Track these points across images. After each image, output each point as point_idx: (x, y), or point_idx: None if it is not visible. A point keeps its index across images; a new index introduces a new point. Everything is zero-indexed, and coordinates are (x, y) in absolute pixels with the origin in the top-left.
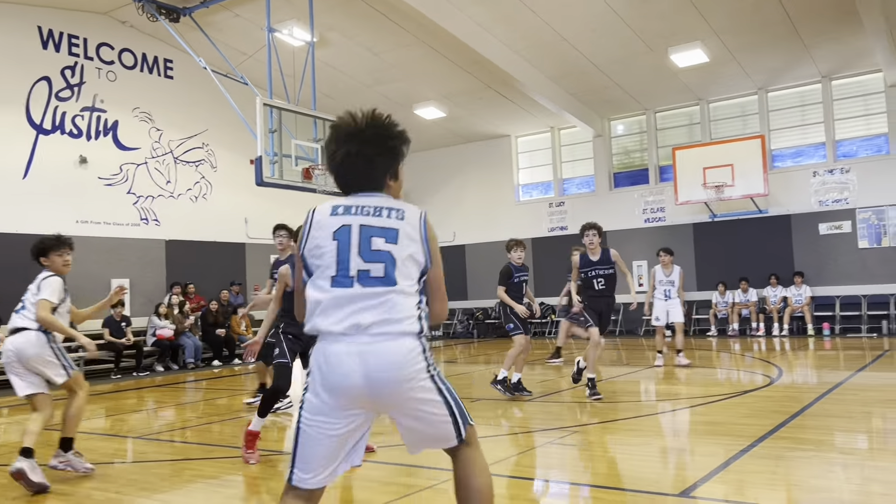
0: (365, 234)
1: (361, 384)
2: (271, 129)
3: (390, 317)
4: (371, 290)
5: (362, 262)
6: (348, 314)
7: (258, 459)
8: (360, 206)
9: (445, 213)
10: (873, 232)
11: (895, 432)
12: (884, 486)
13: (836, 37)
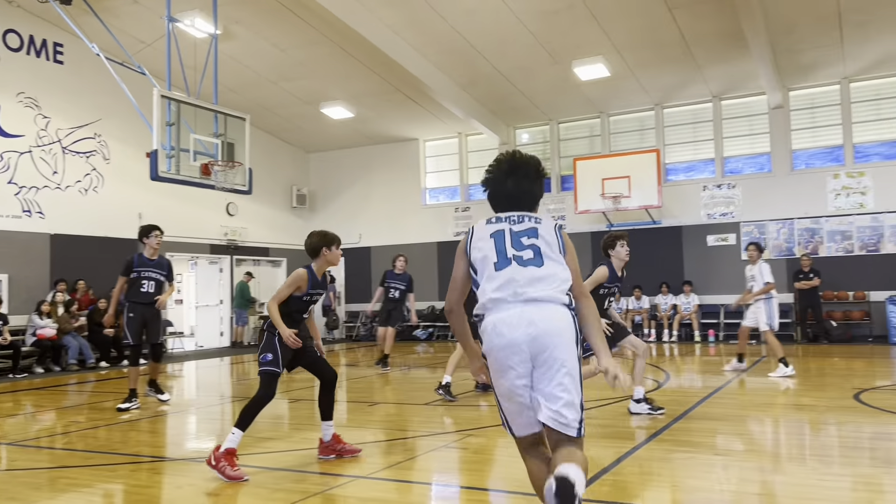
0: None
1: None
2: (169, 121)
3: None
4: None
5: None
6: None
7: (242, 473)
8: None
9: (351, 215)
10: None
11: (771, 434)
12: (759, 485)
13: (725, 59)
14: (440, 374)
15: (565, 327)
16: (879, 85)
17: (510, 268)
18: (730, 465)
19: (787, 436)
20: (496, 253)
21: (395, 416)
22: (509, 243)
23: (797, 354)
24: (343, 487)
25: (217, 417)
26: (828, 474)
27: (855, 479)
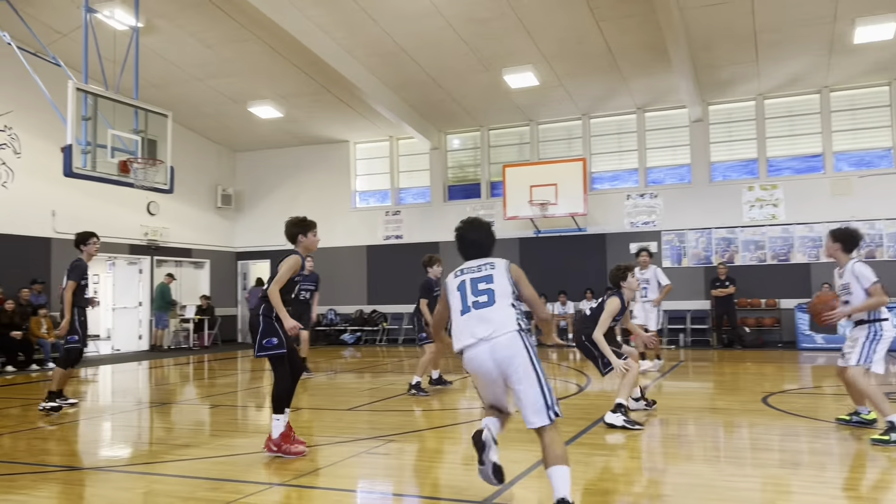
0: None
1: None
2: (85, 116)
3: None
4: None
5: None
6: None
7: (303, 449)
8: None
9: (279, 216)
10: (675, 253)
11: (686, 437)
12: (672, 487)
13: (649, 72)
14: (367, 379)
15: (518, 349)
16: (791, 102)
17: (468, 314)
18: (645, 468)
19: (701, 438)
20: (460, 301)
21: (314, 422)
22: (469, 292)
23: (713, 359)
24: (258, 496)
25: (133, 424)
26: (737, 475)
27: (763, 480)
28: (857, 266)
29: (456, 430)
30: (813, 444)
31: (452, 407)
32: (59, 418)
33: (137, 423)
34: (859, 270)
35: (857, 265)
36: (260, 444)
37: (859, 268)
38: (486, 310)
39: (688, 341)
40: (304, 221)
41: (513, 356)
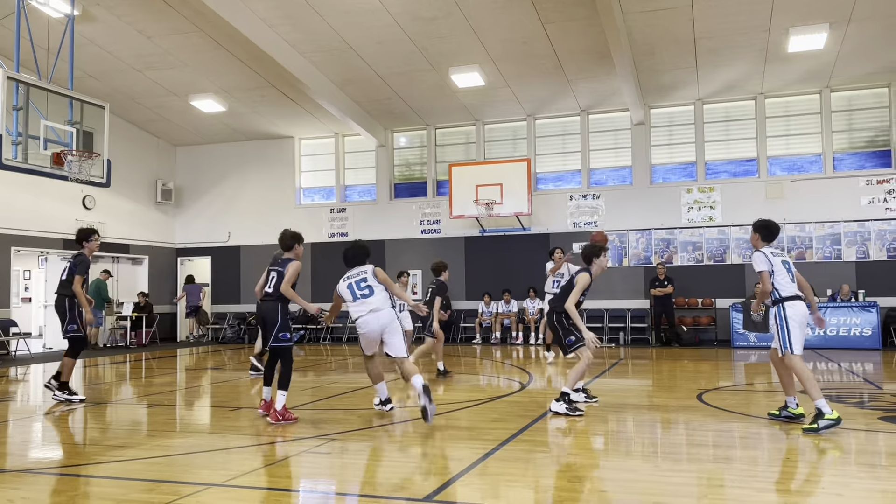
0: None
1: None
2: (16, 105)
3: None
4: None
5: None
6: None
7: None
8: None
9: (220, 212)
10: (616, 253)
11: (625, 434)
12: (613, 483)
13: (593, 76)
14: (310, 378)
15: (392, 318)
16: (728, 108)
17: (359, 301)
18: (583, 464)
19: (638, 434)
20: (351, 295)
21: (257, 421)
22: (356, 289)
23: (651, 357)
24: (196, 496)
25: (65, 425)
26: (673, 470)
27: (698, 475)
28: (754, 254)
29: (394, 428)
30: (745, 439)
31: (397, 405)
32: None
33: (70, 423)
34: (753, 258)
35: (754, 254)
36: (197, 443)
37: (754, 255)
38: (370, 297)
39: (627, 339)
40: (299, 235)
41: (390, 322)
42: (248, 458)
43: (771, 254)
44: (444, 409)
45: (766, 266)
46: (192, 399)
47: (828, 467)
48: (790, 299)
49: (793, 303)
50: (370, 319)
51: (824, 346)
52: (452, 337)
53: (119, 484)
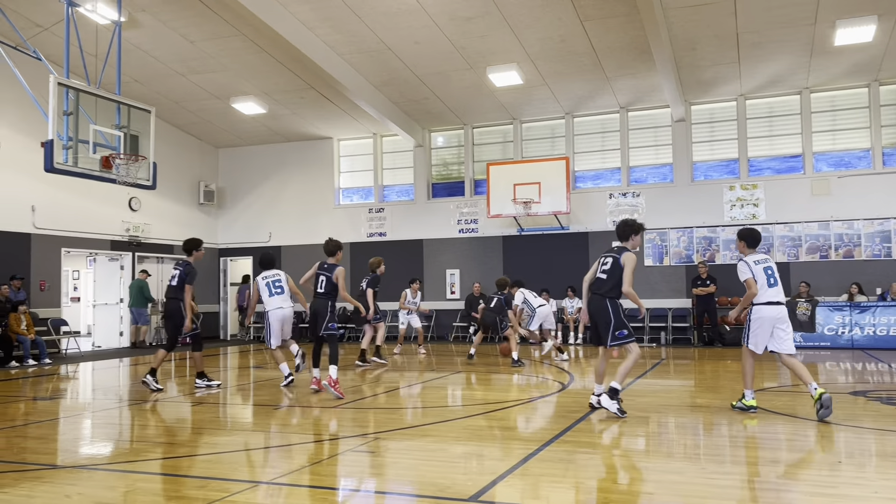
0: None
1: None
2: (67, 111)
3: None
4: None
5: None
6: None
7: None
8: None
9: (261, 213)
10: (657, 251)
11: (667, 435)
12: (654, 485)
13: (633, 72)
14: (350, 376)
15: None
16: (772, 103)
17: (274, 296)
18: (627, 465)
19: (681, 436)
20: (268, 291)
21: (300, 420)
22: (272, 287)
23: (693, 357)
24: (245, 493)
25: (114, 422)
26: (718, 472)
27: (742, 477)
28: (738, 264)
29: (437, 428)
30: (792, 441)
31: (438, 405)
32: (47, 415)
33: (118, 420)
34: (738, 267)
35: (739, 263)
36: (243, 442)
37: (739, 265)
38: (282, 294)
39: (669, 339)
40: (340, 242)
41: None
42: (294, 457)
43: (754, 262)
44: (485, 409)
45: (748, 275)
46: (236, 397)
47: (879, 471)
48: (760, 304)
49: (760, 307)
50: (286, 312)
51: (874, 346)
52: (490, 336)
53: (170, 480)
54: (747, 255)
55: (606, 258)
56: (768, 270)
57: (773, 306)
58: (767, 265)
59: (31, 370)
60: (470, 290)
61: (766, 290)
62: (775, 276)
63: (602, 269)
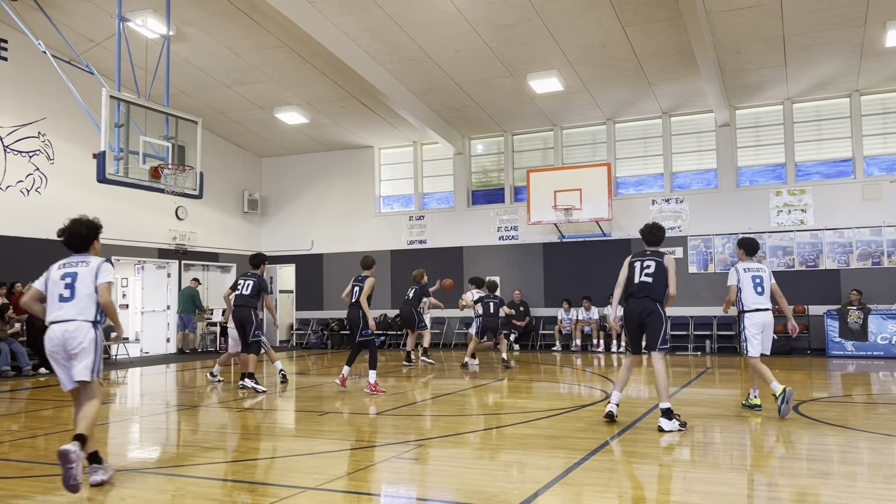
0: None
1: None
2: (118, 123)
3: None
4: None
5: None
6: None
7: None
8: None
9: (304, 221)
10: (701, 258)
11: (713, 445)
12: (701, 496)
13: (675, 77)
14: (392, 384)
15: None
16: (820, 106)
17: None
18: (674, 476)
19: (730, 446)
20: (56, 292)
21: (343, 426)
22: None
23: (740, 366)
24: (293, 499)
25: (161, 426)
26: (767, 484)
27: (792, 490)
28: (730, 269)
29: (481, 436)
30: (845, 453)
31: (480, 412)
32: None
33: (165, 425)
34: (729, 273)
35: (730, 269)
36: (289, 447)
37: (730, 270)
38: (69, 302)
39: (714, 348)
40: (369, 257)
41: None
42: (339, 463)
43: (744, 270)
44: (527, 418)
45: (734, 282)
46: (280, 403)
47: None
48: (751, 311)
49: (751, 314)
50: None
51: None
52: (531, 344)
53: (219, 485)
54: (744, 262)
55: (647, 262)
56: (756, 279)
57: (762, 312)
58: (757, 274)
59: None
60: (510, 297)
61: (753, 297)
62: (763, 284)
63: (646, 273)
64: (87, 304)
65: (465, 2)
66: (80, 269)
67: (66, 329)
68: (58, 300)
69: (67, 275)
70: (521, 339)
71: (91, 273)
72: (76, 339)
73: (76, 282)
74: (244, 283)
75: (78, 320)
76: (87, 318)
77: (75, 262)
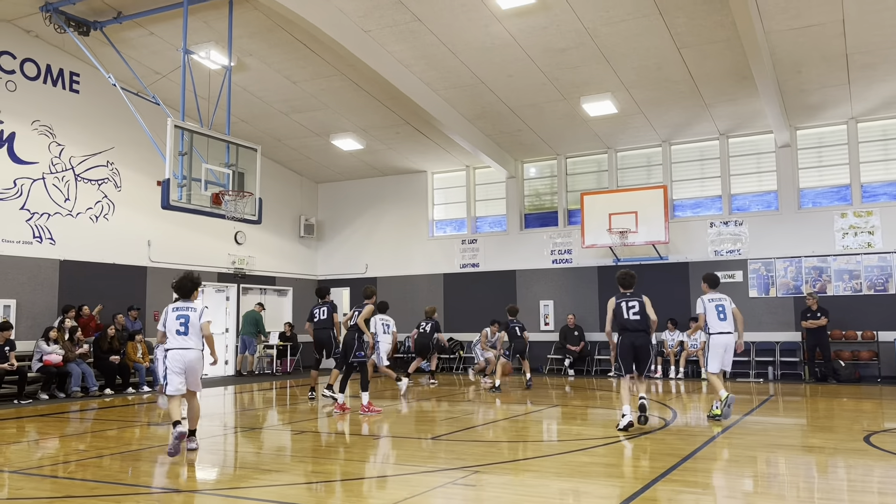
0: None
1: None
2: (182, 151)
3: None
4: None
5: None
6: None
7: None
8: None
9: (358, 245)
10: (762, 282)
11: (777, 476)
12: None
13: (733, 98)
14: (445, 408)
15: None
16: (887, 125)
17: (179, 335)
18: None
19: (795, 478)
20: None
21: (398, 451)
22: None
23: (805, 394)
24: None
25: (219, 448)
26: None
27: None
28: (698, 300)
29: (538, 463)
30: None
31: (535, 439)
32: (157, 440)
33: (223, 447)
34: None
35: (698, 300)
36: (344, 471)
37: (697, 302)
38: (187, 334)
39: (777, 374)
40: (374, 288)
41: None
42: (396, 489)
43: (709, 300)
44: (584, 445)
45: (702, 311)
46: (334, 426)
47: None
48: (715, 334)
49: (716, 336)
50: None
51: None
52: (587, 369)
53: None
54: (708, 293)
55: (630, 302)
56: (719, 307)
57: (724, 335)
58: (719, 303)
59: (146, 396)
60: (564, 321)
61: (717, 323)
62: (725, 312)
63: (633, 312)
64: (196, 337)
65: (518, 28)
66: (190, 313)
67: (184, 354)
68: (175, 334)
69: (181, 316)
70: (577, 364)
71: (197, 315)
72: (193, 361)
73: (188, 322)
74: (319, 310)
75: (193, 349)
76: (197, 346)
77: (185, 307)
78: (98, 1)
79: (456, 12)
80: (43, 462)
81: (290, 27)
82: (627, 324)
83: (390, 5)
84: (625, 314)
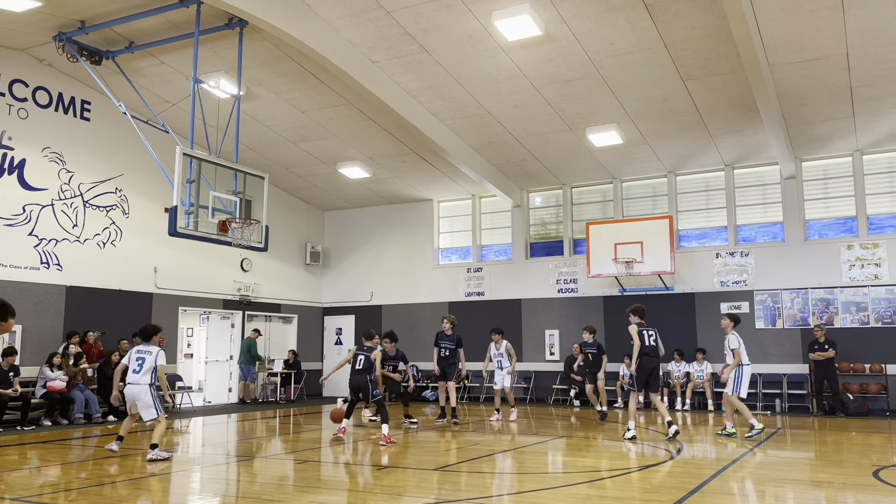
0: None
1: None
2: (189, 178)
3: None
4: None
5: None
6: None
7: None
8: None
9: (364, 273)
10: (769, 314)
11: None
12: None
13: (738, 130)
14: (449, 437)
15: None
16: (893, 157)
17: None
18: None
19: None
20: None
21: (403, 481)
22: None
23: (813, 427)
24: None
25: (222, 477)
26: None
27: None
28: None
29: (544, 496)
30: None
31: (540, 471)
32: (156, 468)
33: (225, 475)
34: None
35: (630, 327)
36: (347, 500)
37: (732, 337)
38: (138, 372)
39: (784, 407)
40: (372, 332)
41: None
42: None
43: (640, 328)
44: (590, 477)
45: (737, 345)
46: (337, 455)
47: None
48: (746, 365)
49: (746, 367)
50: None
51: None
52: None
53: None
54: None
55: (650, 331)
56: (651, 336)
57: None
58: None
59: (148, 423)
60: (569, 350)
61: (644, 349)
62: (654, 339)
63: (652, 340)
64: (147, 374)
65: (524, 59)
66: (146, 356)
67: (132, 388)
68: (131, 372)
69: (140, 357)
70: (582, 395)
71: (153, 358)
72: (138, 393)
73: (144, 363)
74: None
75: (140, 384)
76: (145, 382)
77: (145, 350)
78: (110, 31)
79: (463, 44)
80: (44, 490)
81: (299, 57)
82: (647, 349)
83: (398, 37)
84: (646, 341)
